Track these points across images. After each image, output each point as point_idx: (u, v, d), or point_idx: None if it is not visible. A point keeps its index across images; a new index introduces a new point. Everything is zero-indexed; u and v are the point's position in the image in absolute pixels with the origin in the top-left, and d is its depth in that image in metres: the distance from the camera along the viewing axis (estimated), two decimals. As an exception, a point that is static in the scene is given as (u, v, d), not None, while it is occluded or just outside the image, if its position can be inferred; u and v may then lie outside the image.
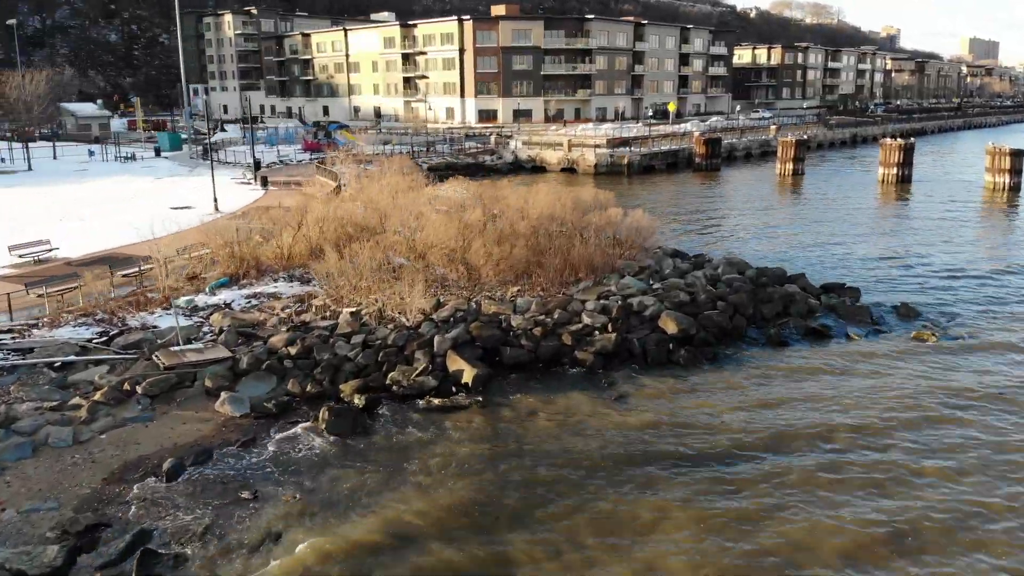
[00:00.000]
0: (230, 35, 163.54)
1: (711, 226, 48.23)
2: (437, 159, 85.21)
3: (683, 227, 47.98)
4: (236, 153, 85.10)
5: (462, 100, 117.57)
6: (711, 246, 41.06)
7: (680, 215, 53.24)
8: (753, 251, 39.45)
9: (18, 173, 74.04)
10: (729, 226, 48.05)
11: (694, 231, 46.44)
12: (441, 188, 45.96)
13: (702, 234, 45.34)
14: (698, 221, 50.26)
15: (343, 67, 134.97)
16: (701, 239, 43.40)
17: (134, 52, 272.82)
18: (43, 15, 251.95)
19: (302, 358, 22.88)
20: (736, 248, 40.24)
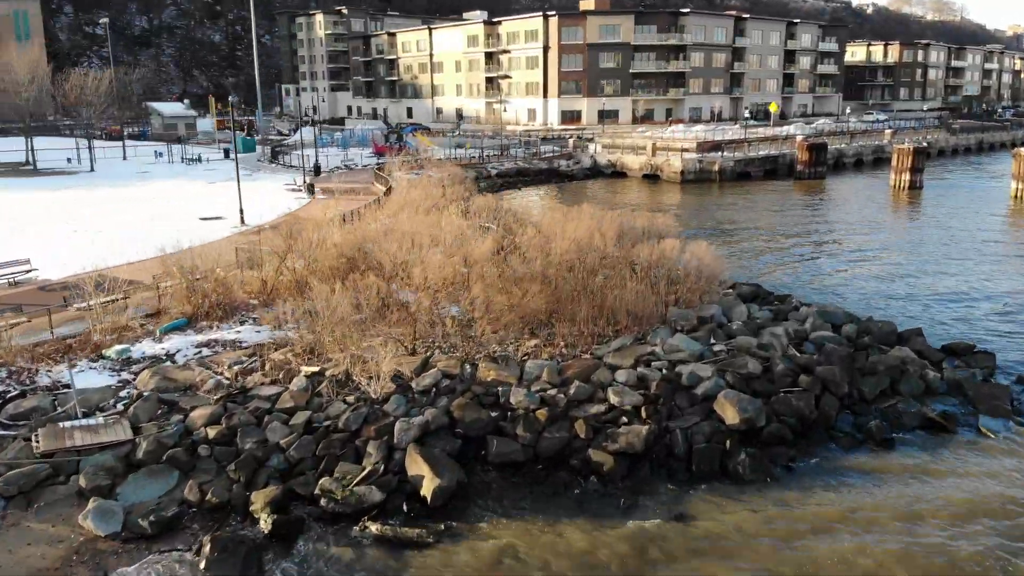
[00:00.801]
0: (320, 35, 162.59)
1: (804, 251, 40.41)
2: (508, 164, 79.25)
3: (770, 251, 40.39)
4: (303, 156, 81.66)
5: (544, 101, 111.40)
6: (801, 281, 33.50)
7: (769, 235, 45.51)
8: (854, 290, 31.74)
9: (79, 174, 72.44)
10: (827, 253, 40.13)
11: (783, 257, 38.79)
12: (480, 200, 39.85)
13: (792, 262, 37.67)
14: (790, 244, 42.47)
15: (427, 67, 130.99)
16: (790, 270, 35.81)
17: (237, 52, 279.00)
18: (150, 15, 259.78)
19: (222, 444, 17.25)
20: (832, 285, 32.60)
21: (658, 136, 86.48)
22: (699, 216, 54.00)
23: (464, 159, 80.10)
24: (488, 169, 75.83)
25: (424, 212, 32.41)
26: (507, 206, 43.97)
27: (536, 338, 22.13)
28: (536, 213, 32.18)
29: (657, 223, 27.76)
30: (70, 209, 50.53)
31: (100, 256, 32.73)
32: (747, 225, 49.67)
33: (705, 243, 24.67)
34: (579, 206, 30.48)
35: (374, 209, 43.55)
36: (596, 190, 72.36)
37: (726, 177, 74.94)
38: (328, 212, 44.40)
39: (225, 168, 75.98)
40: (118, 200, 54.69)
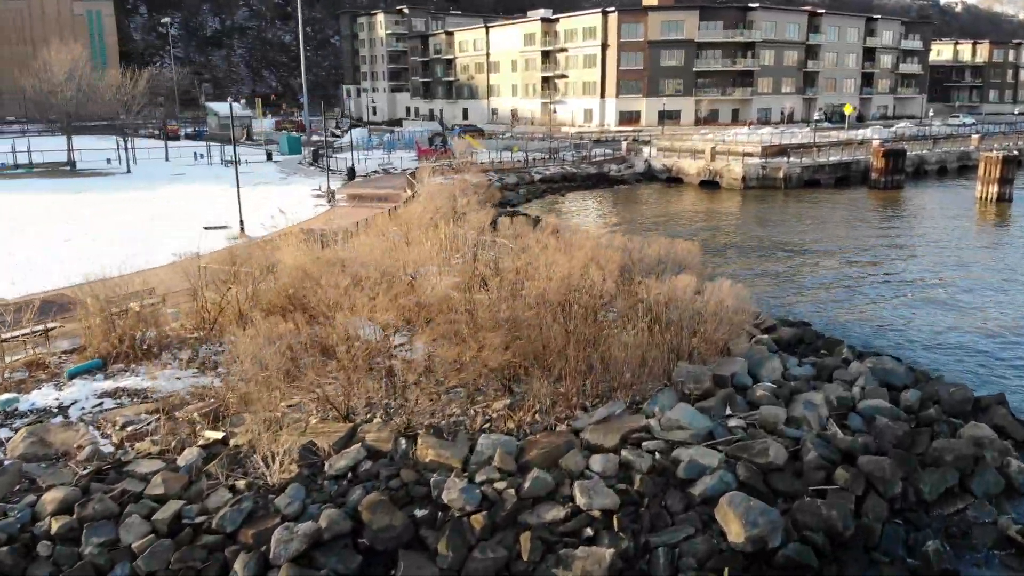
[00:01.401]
0: (381, 35, 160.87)
1: (868, 277, 34.82)
2: (554, 168, 74.72)
3: (829, 275, 34.96)
4: (344, 159, 78.85)
5: (601, 101, 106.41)
6: (861, 317, 28.17)
7: (831, 254, 39.95)
8: (922, 332, 26.29)
9: (115, 175, 71.06)
10: (895, 280, 34.45)
11: (842, 284, 33.35)
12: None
13: (852, 291, 32.23)
14: (853, 267, 36.88)
15: (483, 67, 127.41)
16: (849, 302, 30.43)
17: (306, 53, 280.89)
18: (223, 16, 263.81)
19: (67, 542, 13.43)
20: (898, 325, 27.18)
21: (719, 139, 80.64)
22: (756, 229, 48.65)
23: (508, 163, 76.04)
24: (532, 174, 71.51)
25: (421, 229, 28.35)
26: (504, 232, 39.59)
27: (508, 396, 17.77)
28: (557, 230, 27.99)
29: (678, 250, 22.91)
30: (76, 213, 48.39)
31: (66, 273, 29.72)
32: (808, 241, 44.13)
33: (727, 282, 19.75)
34: (581, 230, 25.82)
35: (384, 220, 39.82)
36: (646, 197, 67.33)
37: (792, 185, 68.88)
38: (337, 222, 40.96)
39: (263, 171, 73.61)
40: (133, 205, 52.37)
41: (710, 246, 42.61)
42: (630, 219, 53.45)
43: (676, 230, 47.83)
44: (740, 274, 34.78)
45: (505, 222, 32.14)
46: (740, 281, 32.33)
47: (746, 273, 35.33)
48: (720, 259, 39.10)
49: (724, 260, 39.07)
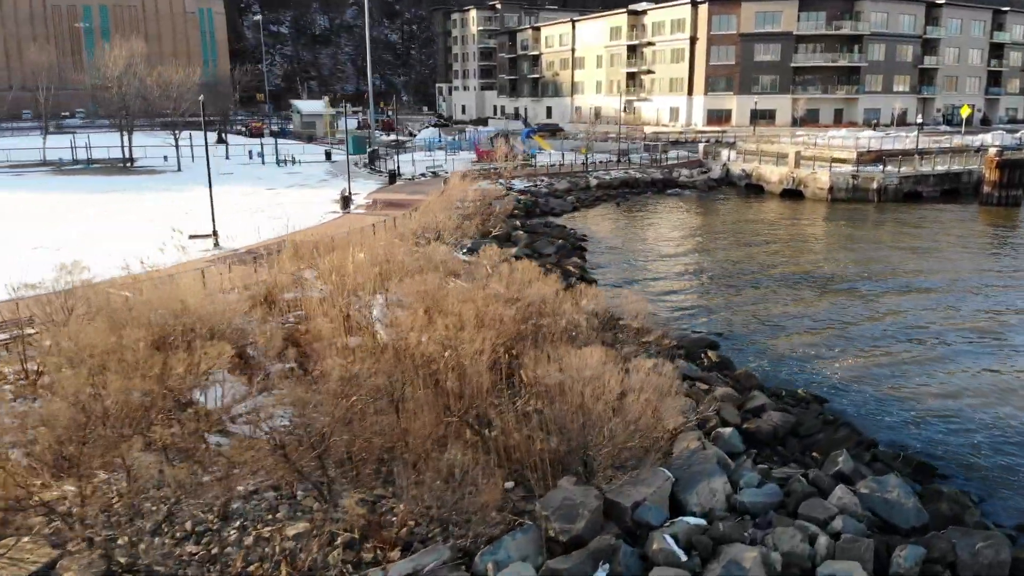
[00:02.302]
0: (473, 32, 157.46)
1: (942, 332, 27.33)
2: (616, 172, 68.41)
3: (885, 326, 27.73)
4: (402, 161, 75.07)
5: (689, 99, 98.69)
6: (915, 396, 21.16)
7: (903, 292, 32.41)
8: (984, 425, 19.18)
9: (165, 173, 69.78)
10: (986, 342, 26.74)
11: (901, 342, 26.08)
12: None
13: (917, 352, 25.02)
14: (925, 317, 29.32)
15: (568, 63, 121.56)
16: (904, 370, 23.34)
17: (411, 51, 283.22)
18: (331, 15, 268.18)
19: None
20: (975, 421, 20.07)
21: (810, 142, 72.09)
22: (829, 254, 41.02)
23: (568, 166, 70.24)
24: (590, 178, 65.48)
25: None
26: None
27: (307, 516, 12.54)
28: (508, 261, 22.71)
29: (625, 305, 16.93)
30: (81, 212, 46.29)
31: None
32: (885, 272, 36.31)
33: (650, 363, 13.71)
34: (532, 266, 20.05)
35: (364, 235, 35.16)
36: (714, 207, 60.16)
37: (887, 197, 60.21)
38: (329, 232, 36.59)
39: (312, 172, 70.65)
40: (148, 205, 50.05)
41: (762, 275, 35.77)
42: (675, 236, 46.80)
43: (723, 252, 41.24)
44: (778, 319, 28.19)
45: (490, 251, 26.28)
46: (778, 327, 26.11)
47: (786, 317, 28.63)
48: (763, 294, 32.41)
49: (766, 295, 32.35)
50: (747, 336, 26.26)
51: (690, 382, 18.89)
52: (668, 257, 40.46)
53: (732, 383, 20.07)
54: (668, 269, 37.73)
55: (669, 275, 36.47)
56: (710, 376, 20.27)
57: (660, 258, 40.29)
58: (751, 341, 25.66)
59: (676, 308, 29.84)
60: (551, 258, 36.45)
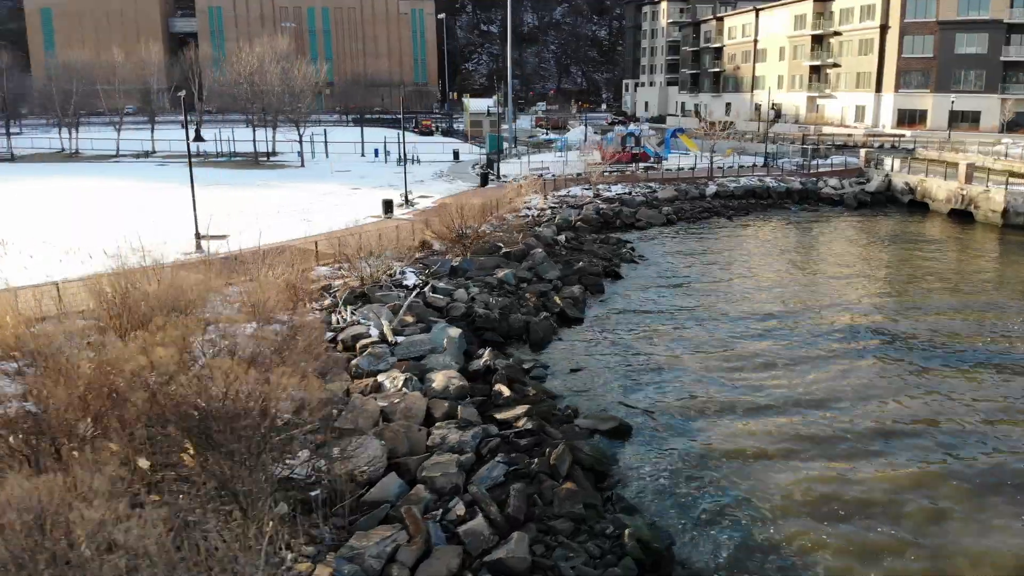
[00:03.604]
0: (663, 24, 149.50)
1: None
2: (747, 180, 59.67)
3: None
4: (515, 162, 71.03)
5: (876, 96, 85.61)
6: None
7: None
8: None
9: (286, 168, 70.84)
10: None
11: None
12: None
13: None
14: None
15: (750, 55, 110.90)
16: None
17: (617, 47, 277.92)
18: (541, 12, 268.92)
19: None
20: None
21: (995, 151, 58.70)
22: (986, 308, 31.18)
23: (699, 170, 62.40)
24: (708, 186, 57.56)
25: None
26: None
27: None
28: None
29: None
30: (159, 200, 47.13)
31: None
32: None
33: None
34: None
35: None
36: (846, 229, 50.35)
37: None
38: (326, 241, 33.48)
39: (423, 172, 68.44)
40: (227, 199, 49.95)
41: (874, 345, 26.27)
42: (761, 270, 38.55)
43: (815, 301, 32.71)
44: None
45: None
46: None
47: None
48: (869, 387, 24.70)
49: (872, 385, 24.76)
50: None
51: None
52: (729, 303, 31.36)
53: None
54: (706, 335, 27.19)
55: (701, 344, 26.26)
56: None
57: (718, 304, 31.38)
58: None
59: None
60: (543, 284, 30.76)
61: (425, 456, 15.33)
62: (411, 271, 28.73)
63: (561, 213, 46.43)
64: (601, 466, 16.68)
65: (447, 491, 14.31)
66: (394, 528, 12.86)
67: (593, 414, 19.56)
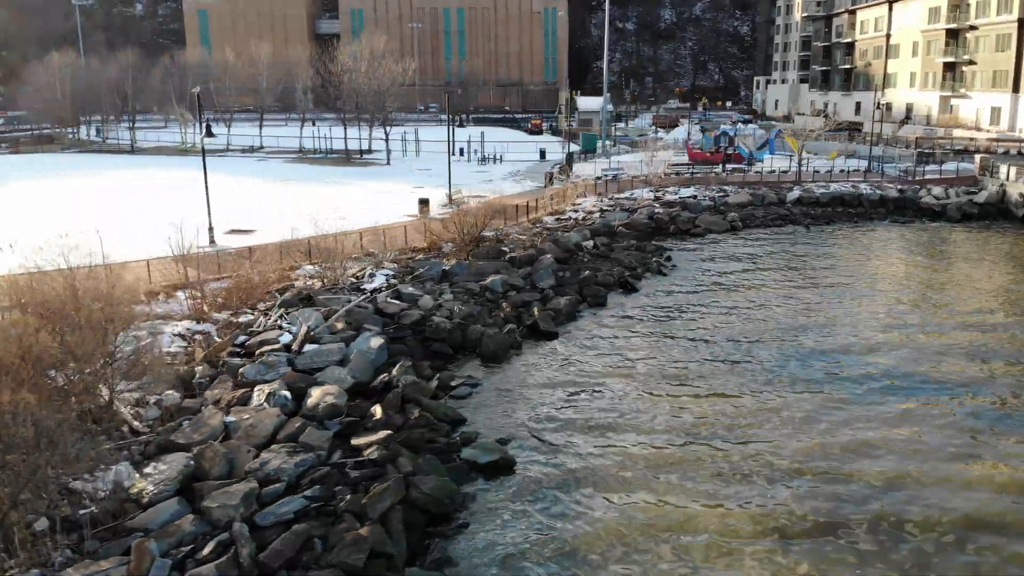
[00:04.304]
0: (797, 19, 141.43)
1: None
2: (838, 187, 54.71)
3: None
4: (598, 162, 68.44)
5: (1014, 97, 76.70)
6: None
7: None
8: None
9: (371, 167, 71.60)
10: None
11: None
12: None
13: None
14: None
15: (882, 51, 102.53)
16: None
17: (758, 43, 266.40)
18: (679, 8, 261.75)
19: None
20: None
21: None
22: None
23: (790, 174, 57.84)
24: (791, 192, 53.21)
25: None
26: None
27: None
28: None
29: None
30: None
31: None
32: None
33: None
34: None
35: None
36: (941, 245, 44.74)
37: None
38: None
39: (499, 171, 67.36)
40: (286, 195, 51.07)
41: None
42: (804, 291, 34.89)
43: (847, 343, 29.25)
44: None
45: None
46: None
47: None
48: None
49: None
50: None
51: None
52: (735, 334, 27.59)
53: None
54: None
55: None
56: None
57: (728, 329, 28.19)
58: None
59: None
60: (532, 294, 28.88)
61: (224, 483, 14.15)
62: (383, 273, 27.66)
63: (609, 216, 44.04)
64: (440, 508, 14.89)
65: (222, 524, 13.07)
66: (121, 561, 11.76)
67: (483, 445, 17.72)
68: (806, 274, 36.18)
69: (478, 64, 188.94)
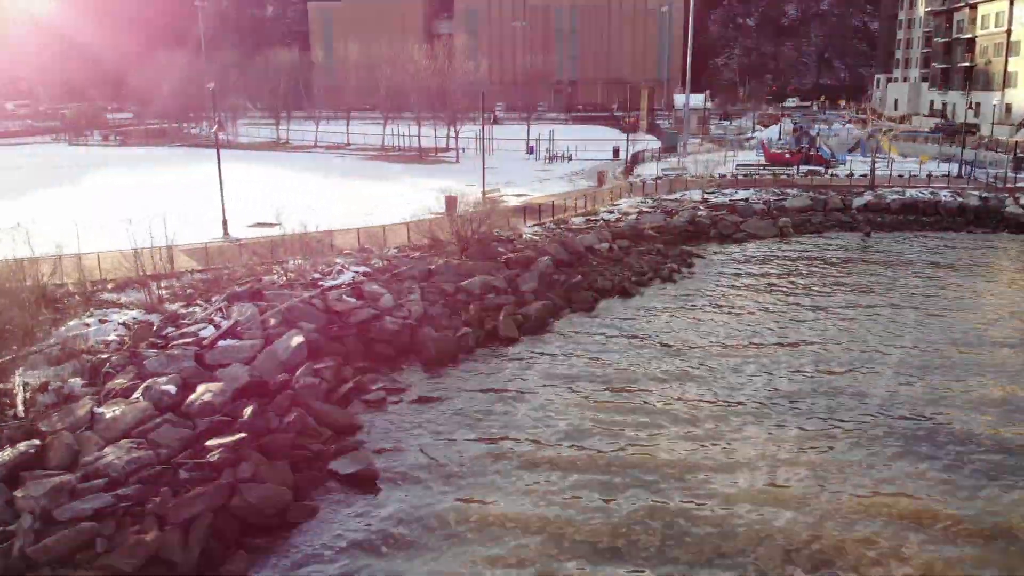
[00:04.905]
0: (920, 13, 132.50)
1: None
2: (915, 192, 50.54)
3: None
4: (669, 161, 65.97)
5: None
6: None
7: None
8: None
9: (440, 165, 71.87)
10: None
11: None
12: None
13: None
14: None
15: (1002, 48, 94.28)
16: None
17: (880, 39, 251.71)
18: (804, 3, 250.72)
19: None
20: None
21: None
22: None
23: (878, 179, 53.86)
24: (851, 198, 49.64)
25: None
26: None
27: None
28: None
29: None
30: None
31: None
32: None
33: None
34: None
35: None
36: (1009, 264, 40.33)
37: None
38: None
39: (562, 170, 66.08)
40: (319, 190, 51.96)
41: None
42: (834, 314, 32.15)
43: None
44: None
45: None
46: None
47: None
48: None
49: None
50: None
51: None
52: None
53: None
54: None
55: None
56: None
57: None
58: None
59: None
60: (508, 297, 27.91)
61: (48, 474, 14.11)
62: (356, 270, 27.38)
63: (644, 219, 42.23)
64: (261, 518, 14.37)
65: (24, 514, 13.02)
66: None
67: (356, 456, 17.05)
68: (834, 291, 33.01)
69: (588, 62, 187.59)
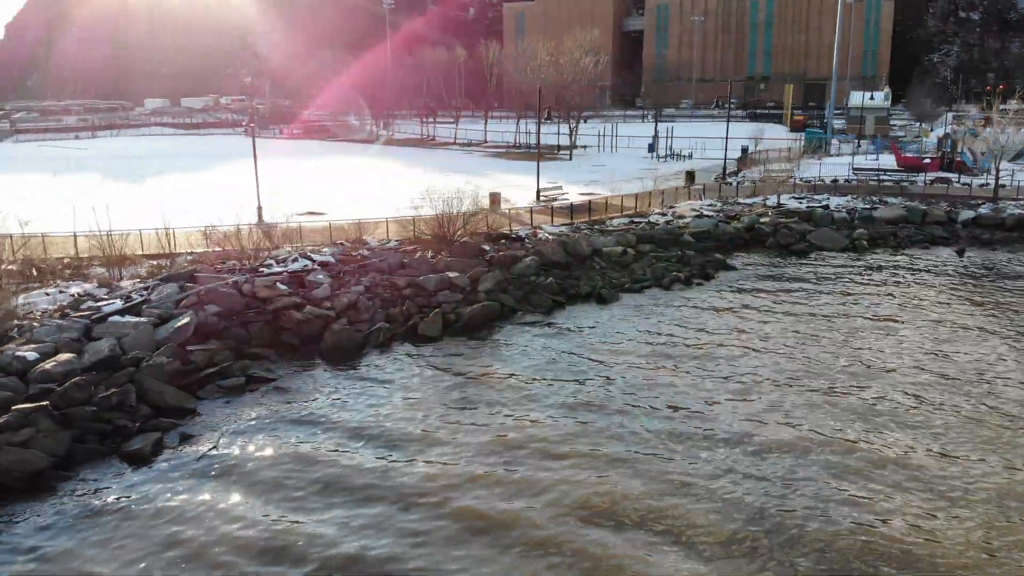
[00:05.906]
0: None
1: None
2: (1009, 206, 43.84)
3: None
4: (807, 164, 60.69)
5: None
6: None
7: None
8: None
9: (551, 161, 71.11)
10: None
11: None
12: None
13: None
14: None
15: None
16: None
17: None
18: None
19: None
20: None
21: None
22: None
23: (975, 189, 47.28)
24: (959, 210, 43.74)
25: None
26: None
27: None
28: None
29: None
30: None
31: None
32: None
33: None
34: None
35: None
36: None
37: None
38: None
39: (664, 169, 63.15)
40: (411, 183, 53.45)
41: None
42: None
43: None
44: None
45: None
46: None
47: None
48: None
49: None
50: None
51: None
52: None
53: None
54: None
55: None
56: None
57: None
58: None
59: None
60: (460, 294, 27.40)
61: None
62: (310, 260, 28.07)
63: (696, 222, 39.65)
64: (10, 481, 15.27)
65: None
66: None
67: (146, 437, 17.55)
68: (861, 318, 28.60)
69: (784, 58, 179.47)
